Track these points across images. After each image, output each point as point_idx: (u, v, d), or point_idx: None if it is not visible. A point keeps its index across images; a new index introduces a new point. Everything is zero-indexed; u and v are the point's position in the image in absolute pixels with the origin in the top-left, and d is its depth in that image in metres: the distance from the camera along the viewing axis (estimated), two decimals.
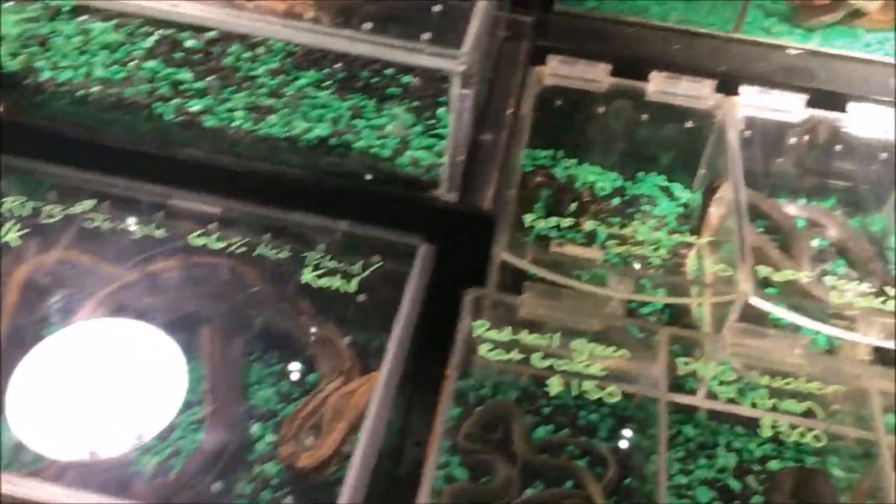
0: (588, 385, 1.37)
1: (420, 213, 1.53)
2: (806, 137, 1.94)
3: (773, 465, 1.50)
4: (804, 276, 1.51)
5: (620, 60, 1.96)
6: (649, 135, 2.02)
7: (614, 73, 1.95)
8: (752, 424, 1.50)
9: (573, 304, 1.45)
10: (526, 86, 1.90)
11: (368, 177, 1.52)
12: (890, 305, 1.45)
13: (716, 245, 1.81)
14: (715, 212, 1.81)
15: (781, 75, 1.96)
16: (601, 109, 2.00)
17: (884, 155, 1.94)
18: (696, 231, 1.86)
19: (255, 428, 1.46)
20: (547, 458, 1.47)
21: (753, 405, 1.38)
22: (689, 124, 1.97)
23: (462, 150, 1.45)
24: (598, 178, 2.09)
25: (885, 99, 1.91)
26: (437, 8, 1.48)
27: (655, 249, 1.84)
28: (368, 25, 1.40)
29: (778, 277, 1.50)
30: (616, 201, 2.04)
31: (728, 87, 1.93)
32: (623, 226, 1.92)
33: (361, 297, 1.46)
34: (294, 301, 1.55)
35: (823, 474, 1.46)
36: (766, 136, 1.95)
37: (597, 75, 1.95)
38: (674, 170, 2.08)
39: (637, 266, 1.73)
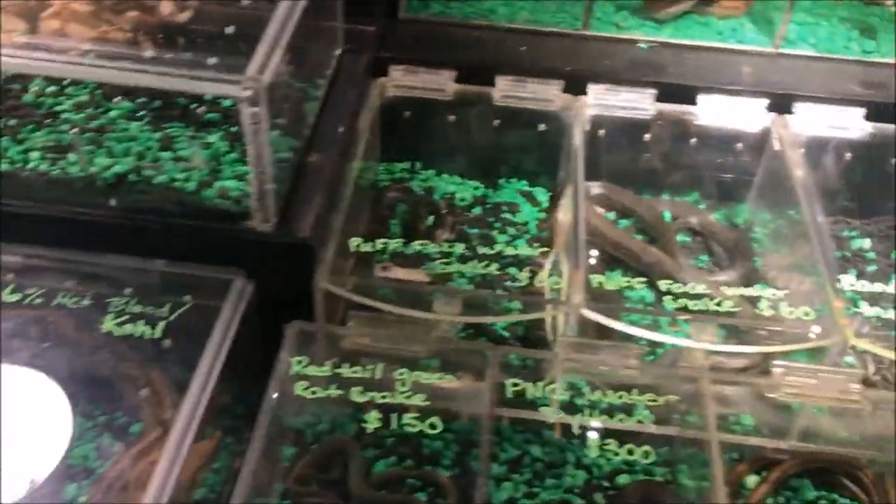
0: (408, 418, 1.31)
1: (234, 246, 1.44)
2: (660, 132, 1.90)
3: (623, 479, 1.44)
4: (637, 282, 1.46)
5: (467, 66, 1.90)
6: (503, 140, 1.96)
7: (461, 80, 1.89)
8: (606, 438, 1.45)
9: (398, 332, 1.38)
10: (366, 99, 1.83)
11: (176, 211, 1.43)
12: (726, 305, 1.40)
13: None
14: (563, 218, 1.75)
15: (631, 71, 1.91)
16: (452, 118, 1.94)
17: (740, 145, 1.90)
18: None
19: (71, 490, 1.36)
20: (384, 494, 1.39)
21: (581, 424, 1.32)
22: (541, 127, 1.92)
23: (268, 178, 1.37)
24: (459, 189, 2.03)
25: (737, 88, 1.88)
26: (229, 30, 1.40)
27: (510, 262, 1.79)
28: (150, 53, 1.31)
29: (611, 286, 1.45)
30: (477, 211, 1.98)
31: (577, 86, 1.88)
32: (481, 238, 1.87)
33: (168, 343, 1.37)
34: (111, 348, 1.46)
35: (668, 486, 1.40)
36: (620, 134, 1.90)
37: (441, 83, 1.88)
38: (535, 174, 2.03)
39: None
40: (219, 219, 1.44)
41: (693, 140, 1.90)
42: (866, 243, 1.93)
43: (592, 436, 1.33)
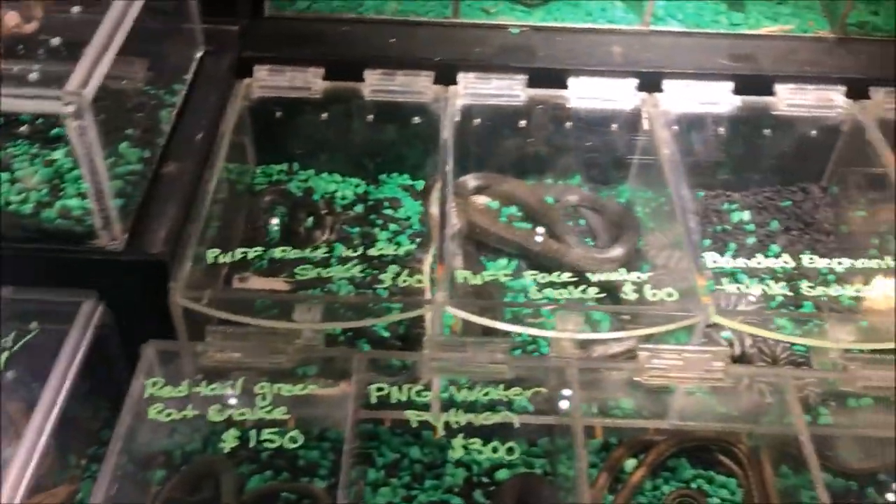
0: (268, 433, 1.27)
1: (83, 267, 1.38)
2: (535, 118, 1.88)
3: (502, 474, 1.43)
4: (502, 274, 1.44)
5: (335, 62, 1.85)
6: (379, 136, 1.92)
7: (330, 76, 1.84)
8: (483, 435, 1.42)
9: (258, 344, 1.34)
10: (230, 102, 1.78)
11: (18, 235, 1.36)
12: (591, 292, 1.39)
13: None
14: (435, 212, 1.73)
15: (502, 57, 1.89)
16: (324, 116, 1.89)
17: (615, 126, 1.89)
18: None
19: None
20: None
21: (447, 423, 1.29)
22: (416, 120, 1.88)
23: (108, 193, 1.31)
24: (339, 187, 1.99)
25: (607, 68, 1.87)
26: (59, 40, 1.33)
27: (391, 260, 1.76)
28: None
29: (477, 280, 1.42)
30: (359, 209, 1.94)
31: (448, 76, 1.85)
32: (362, 237, 1.84)
33: (11, 374, 1.30)
34: None
35: (543, 479, 1.40)
36: (496, 122, 1.88)
37: (309, 81, 1.83)
38: (417, 168, 1.99)
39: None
40: (64, 240, 1.37)
41: (568, 124, 1.89)
42: (745, 215, 1.95)
43: (461, 434, 1.30)
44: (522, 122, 1.88)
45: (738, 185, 2.00)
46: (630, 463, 1.46)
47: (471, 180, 1.91)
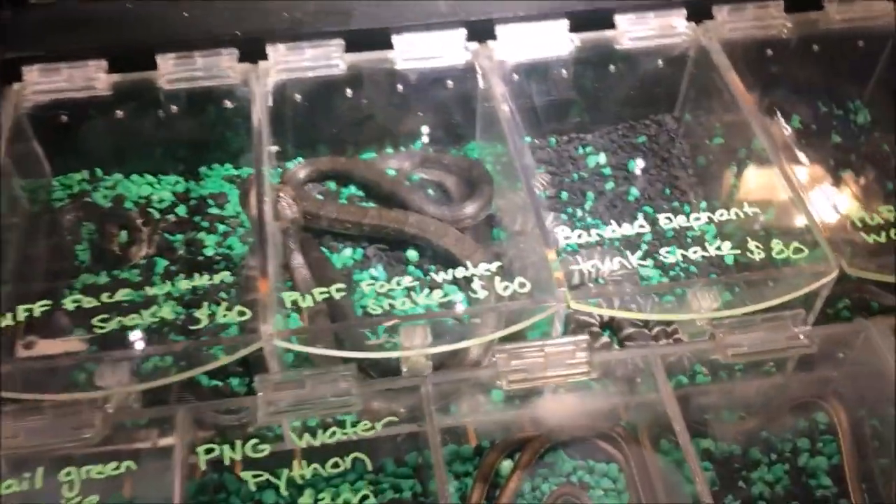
0: None
1: None
2: (361, 86, 1.68)
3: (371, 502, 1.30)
4: (335, 290, 1.26)
5: (119, 51, 1.59)
6: (189, 126, 1.68)
7: (115, 68, 1.59)
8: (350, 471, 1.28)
9: (58, 422, 1.14)
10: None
11: None
12: (436, 297, 1.24)
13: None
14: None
15: (315, 21, 1.66)
16: (120, 113, 1.64)
17: (450, 82, 1.72)
18: None
19: None
20: None
21: (290, 476, 1.14)
22: (227, 104, 1.65)
23: None
24: (155, 189, 1.75)
25: (433, 21, 1.67)
26: None
27: (224, 266, 1.57)
28: None
29: (313, 298, 1.25)
30: (181, 211, 1.71)
31: (256, 50, 1.62)
32: (186, 245, 1.63)
33: None
34: None
35: (417, 498, 1.27)
36: (316, 96, 1.67)
37: (91, 77, 1.57)
38: (242, 154, 1.77)
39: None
40: None
41: (399, 86, 1.71)
42: (602, 158, 1.83)
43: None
44: (349, 92, 1.69)
45: (591, 126, 1.87)
46: (506, 465, 1.36)
47: (300, 169, 1.71)
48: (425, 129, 1.80)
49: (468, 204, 1.66)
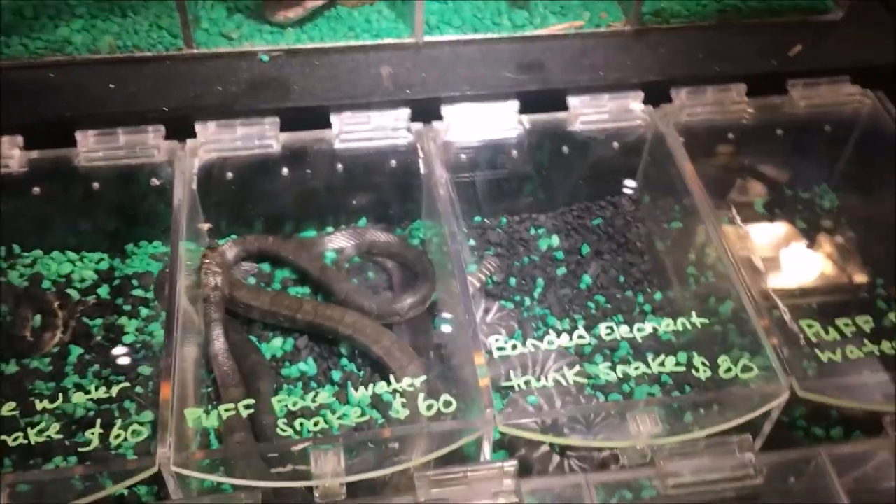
0: None
1: None
2: (297, 166, 1.59)
3: None
4: (243, 406, 1.16)
5: (38, 125, 1.50)
6: (113, 204, 1.58)
7: (32, 143, 1.49)
8: None
9: None
10: None
11: None
12: (353, 417, 1.13)
13: None
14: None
15: (249, 96, 1.57)
16: (35, 190, 1.54)
17: (393, 162, 1.62)
18: None
19: None
20: None
21: None
22: (154, 181, 1.55)
23: None
24: (76, 268, 1.64)
25: (375, 100, 1.58)
26: None
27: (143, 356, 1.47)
28: None
29: (218, 416, 1.14)
30: (103, 292, 1.61)
31: (184, 127, 1.53)
32: (105, 331, 1.52)
33: None
34: None
35: None
36: (249, 175, 1.58)
37: (6, 154, 1.48)
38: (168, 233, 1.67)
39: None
40: None
41: (340, 166, 1.61)
42: (554, 241, 1.74)
43: None
44: (285, 171, 1.59)
45: (545, 206, 1.78)
46: None
47: (228, 249, 1.61)
48: (369, 208, 1.71)
49: (402, 299, 1.55)
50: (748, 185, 1.74)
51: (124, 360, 1.47)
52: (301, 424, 1.14)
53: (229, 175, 1.57)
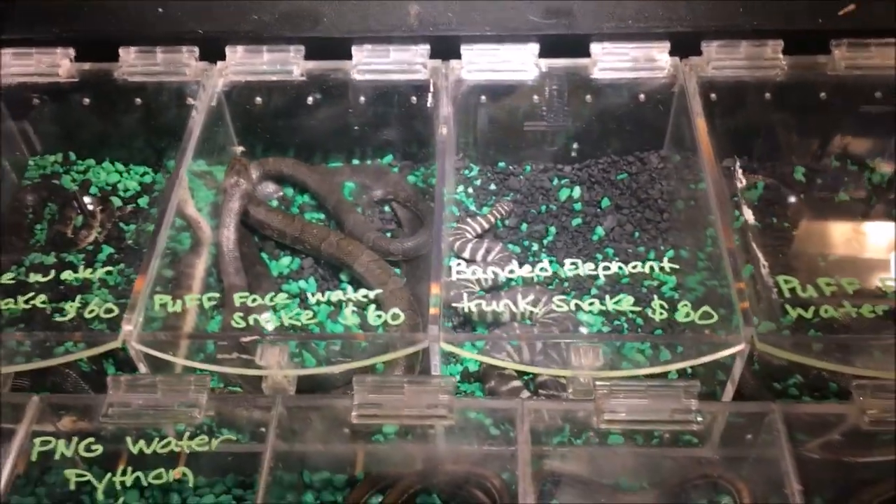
0: None
1: None
2: (315, 95, 1.66)
3: None
4: (206, 298, 1.24)
5: (86, 40, 1.64)
6: (152, 119, 1.71)
7: (82, 56, 1.63)
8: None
9: None
10: None
11: None
12: (304, 318, 1.19)
13: None
14: (193, 214, 1.54)
15: (278, 25, 1.65)
16: (85, 101, 1.68)
17: (414, 98, 1.66)
18: None
19: None
20: None
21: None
22: (190, 101, 1.66)
23: None
24: (122, 178, 1.79)
25: (397, 34, 1.63)
26: None
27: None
28: None
29: (182, 304, 1.22)
30: (143, 202, 1.74)
31: (216, 50, 1.63)
32: (137, 236, 1.65)
33: None
34: None
35: None
36: (271, 100, 1.66)
37: (56, 64, 1.62)
38: (212, 151, 1.77)
39: None
40: None
41: (362, 98, 1.67)
42: (576, 192, 1.73)
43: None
44: (309, 100, 1.67)
45: (571, 158, 1.77)
46: (374, 501, 1.29)
47: (255, 167, 1.70)
48: (393, 144, 1.76)
49: (402, 241, 1.60)
50: (771, 146, 1.66)
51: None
52: (255, 320, 1.21)
53: (258, 100, 1.66)
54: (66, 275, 1.39)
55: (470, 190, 1.75)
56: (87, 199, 1.72)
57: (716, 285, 1.35)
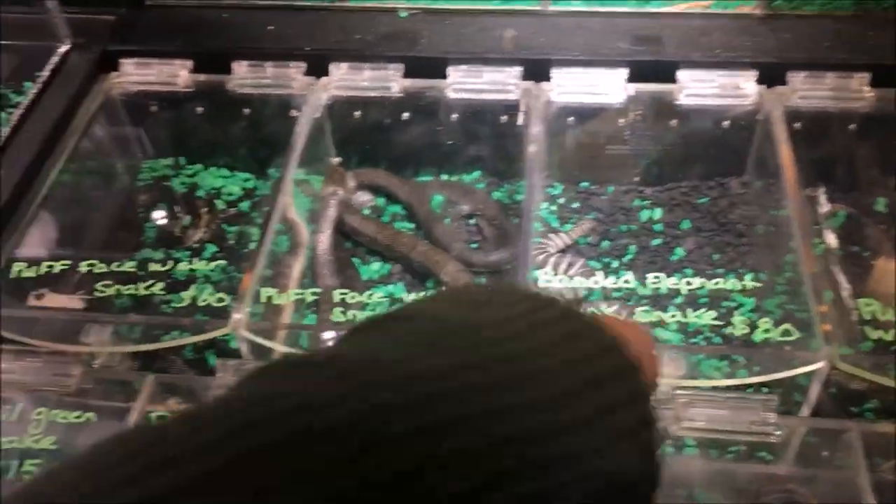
0: (30, 464, 1.22)
1: None
2: (411, 111, 1.75)
3: None
4: (310, 293, 1.33)
5: (205, 53, 1.77)
6: (257, 129, 1.83)
7: (199, 68, 1.76)
8: None
9: (43, 367, 1.29)
10: (89, 98, 1.72)
11: None
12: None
13: None
14: (295, 218, 1.64)
15: (381, 44, 1.76)
16: (199, 109, 1.81)
17: (504, 118, 1.75)
18: None
19: None
20: None
21: None
22: (294, 113, 1.78)
23: None
24: (227, 182, 1.91)
25: (491, 56, 1.71)
26: None
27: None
28: None
29: (287, 297, 1.32)
30: (245, 206, 1.86)
31: (322, 66, 1.74)
32: (237, 237, 1.77)
33: None
34: None
35: None
36: (373, 115, 1.76)
37: (175, 74, 1.75)
38: (313, 161, 1.88)
39: None
40: None
41: (454, 116, 1.76)
42: (657, 213, 1.78)
43: None
44: (404, 115, 1.76)
45: (654, 180, 1.83)
46: None
47: (351, 177, 1.80)
48: (481, 161, 1.84)
49: (487, 254, 1.67)
50: (853, 177, 1.69)
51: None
52: (354, 315, 1.30)
53: (356, 114, 1.76)
54: (182, 265, 1.50)
55: (553, 207, 1.82)
56: (194, 201, 1.85)
57: (794, 309, 1.38)
